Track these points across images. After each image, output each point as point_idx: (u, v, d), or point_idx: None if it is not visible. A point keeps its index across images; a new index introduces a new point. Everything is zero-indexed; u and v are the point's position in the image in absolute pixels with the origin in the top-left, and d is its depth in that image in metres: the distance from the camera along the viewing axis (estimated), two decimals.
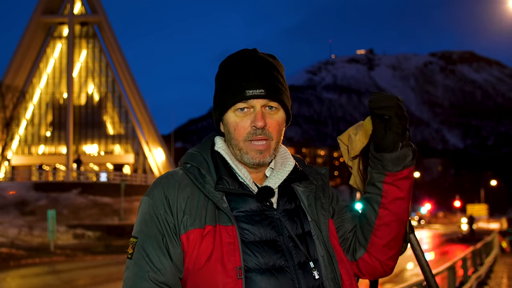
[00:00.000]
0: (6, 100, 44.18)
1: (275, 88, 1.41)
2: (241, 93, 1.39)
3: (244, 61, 1.43)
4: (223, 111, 1.44)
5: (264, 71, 1.41)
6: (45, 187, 37.16)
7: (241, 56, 1.44)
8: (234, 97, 1.40)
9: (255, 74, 1.40)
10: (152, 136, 54.96)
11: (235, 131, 1.42)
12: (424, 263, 1.67)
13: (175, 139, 66.31)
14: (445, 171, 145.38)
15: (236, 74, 1.41)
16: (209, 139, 1.53)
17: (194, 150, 1.49)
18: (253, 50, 1.46)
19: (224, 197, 1.38)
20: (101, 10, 53.97)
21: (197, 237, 1.33)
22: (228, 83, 1.42)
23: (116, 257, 21.18)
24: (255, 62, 1.42)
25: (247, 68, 1.41)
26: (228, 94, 1.42)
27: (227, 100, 1.41)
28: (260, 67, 1.42)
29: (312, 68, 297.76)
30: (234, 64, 1.44)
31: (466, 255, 11.82)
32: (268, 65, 1.43)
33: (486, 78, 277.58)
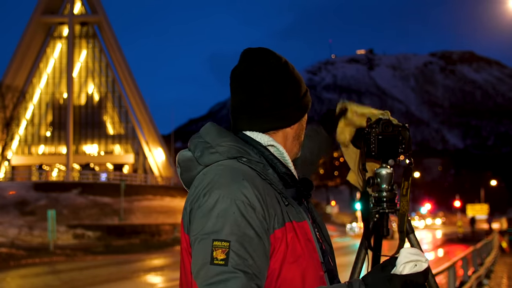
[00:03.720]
0: (6, 100, 44.18)
1: None
2: (305, 107, 1.48)
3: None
4: (292, 123, 1.44)
5: None
6: (45, 187, 37.16)
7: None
8: (305, 109, 1.47)
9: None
10: (152, 136, 54.96)
11: (303, 130, 1.49)
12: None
13: (175, 139, 66.26)
14: (445, 171, 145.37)
15: (301, 89, 1.46)
16: (227, 132, 1.40)
17: (234, 144, 1.34)
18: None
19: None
20: (101, 10, 53.97)
21: (282, 236, 1.26)
22: (304, 89, 1.47)
23: (116, 257, 21.18)
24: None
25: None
26: (306, 101, 1.47)
27: (307, 104, 1.47)
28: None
29: (312, 68, 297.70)
30: (297, 73, 1.49)
31: (466, 255, 11.83)
32: None
33: (486, 78, 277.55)
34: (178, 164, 1.41)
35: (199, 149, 1.35)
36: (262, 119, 1.39)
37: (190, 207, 1.29)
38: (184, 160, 1.39)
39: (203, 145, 1.35)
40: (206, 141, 1.36)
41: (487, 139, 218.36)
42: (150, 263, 19.78)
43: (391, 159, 1.67)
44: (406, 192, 1.63)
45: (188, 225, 1.30)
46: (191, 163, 1.37)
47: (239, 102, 1.40)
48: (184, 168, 1.39)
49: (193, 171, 1.36)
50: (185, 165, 1.39)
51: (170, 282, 13.77)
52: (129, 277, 15.18)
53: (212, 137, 1.36)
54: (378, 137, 1.64)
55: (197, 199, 1.27)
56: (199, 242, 1.21)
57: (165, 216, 36.51)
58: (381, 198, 1.67)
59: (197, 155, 1.35)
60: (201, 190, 1.27)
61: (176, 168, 1.43)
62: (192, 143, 1.39)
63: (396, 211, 1.66)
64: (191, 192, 1.32)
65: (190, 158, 1.37)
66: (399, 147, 1.66)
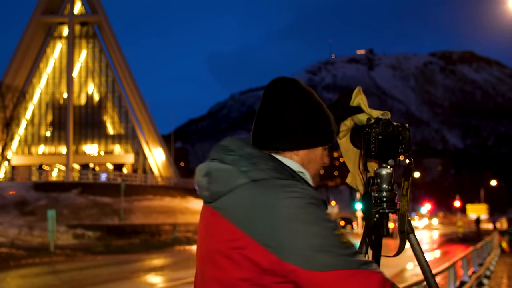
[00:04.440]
0: (6, 100, 44.19)
1: None
2: (333, 137, 1.55)
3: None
4: (322, 144, 1.52)
5: None
6: (45, 187, 37.16)
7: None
8: (335, 137, 1.55)
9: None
10: (152, 136, 54.97)
11: (320, 162, 1.53)
12: (424, 263, 1.67)
13: (175, 139, 66.30)
14: (445, 171, 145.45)
15: (330, 118, 1.54)
16: (266, 156, 1.46)
17: (277, 166, 1.42)
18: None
19: None
20: (101, 10, 53.98)
21: None
22: (332, 122, 1.54)
23: (116, 257, 21.18)
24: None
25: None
26: (332, 132, 1.53)
27: (331, 137, 1.53)
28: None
29: (312, 68, 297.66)
30: (325, 105, 1.55)
31: (466, 255, 11.83)
32: None
33: (486, 78, 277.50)
34: (206, 174, 1.44)
35: (244, 164, 1.40)
36: (284, 139, 1.47)
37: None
38: (219, 170, 1.42)
39: (250, 161, 1.40)
40: (248, 157, 1.42)
41: (487, 139, 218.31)
42: (150, 263, 19.78)
43: (391, 159, 1.67)
44: (406, 192, 1.63)
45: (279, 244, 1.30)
46: (231, 175, 1.40)
47: (264, 121, 1.49)
48: (217, 179, 1.41)
49: (231, 183, 1.39)
50: (220, 176, 1.41)
51: (170, 282, 13.78)
52: (129, 277, 15.18)
53: (252, 154, 1.43)
54: (378, 137, 1.64)
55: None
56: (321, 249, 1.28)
57: (165, 216, 36.51)
58: (381, 198, 1.67)
59: (243, 169, 1.39)
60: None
61: (201, 178, 1.45)
62: (226, 156, 1.43)
63: (396, 211, 1.66)
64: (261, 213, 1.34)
65: (229, 169, 1.40)
66: (399, 147, 1.65)
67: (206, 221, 1.47)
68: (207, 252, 1.42)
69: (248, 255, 1.31)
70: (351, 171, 1.86)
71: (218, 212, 1.40)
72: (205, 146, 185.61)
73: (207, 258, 1.42)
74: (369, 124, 1.68)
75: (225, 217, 1.38)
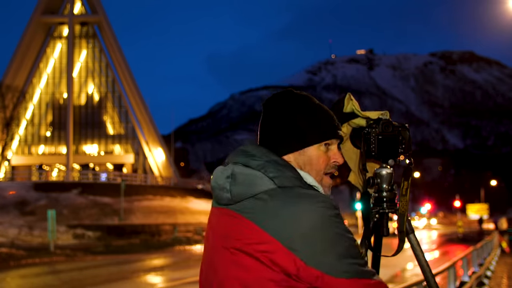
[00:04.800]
0: (6, 100, 44.18)
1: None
2: (335, 131, 1.55)
3: (323, 105, 1.60)
4: (311, 144, 1.54)
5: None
6: (45, 187, 37.15)
7: (315, 100, 1.61)
8: (329, 134, 1.54)
9: (338, 117, 1.63)
10: (152, 136, 54.98)
11: (317, 163, 1.53)
12: (424, 263, 1.67)
13: (175, 139, 66.30)
14: (445, 171, 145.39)
15: (328, 114, 1.57)
16: (289, 165, 1.51)
17: (298, 175, 1.48)
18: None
19: None
20: (101, 10, 53.99)
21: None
22: (322, 120, 1.55)
23: (116, 257, 21.18)
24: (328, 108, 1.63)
25: (331, 111, 1.60)
26: (322, 130, 1.54)
27: (322, 135, 1.54)
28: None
29: (312, 68, 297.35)
30: (319, 105, 1.58)
31: (466, 255, 11.83)
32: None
33: (486, 78, 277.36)
34: (230, 176, 1.48)
35: (272, 170, 1.44)
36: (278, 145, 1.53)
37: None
38: (245, 174, 1.46)
39: (277, 168, 1.45)
40: (274, 164, 1.47)
41: (487, 139, 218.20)
42: (150, 263, 19.78)
43: (391, 159, 1.67)
44: (406, 192, 1.63)
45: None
46: (257, 179, 1.44)
47: (272, 132, 1.56)
48: (241, 182, 1.45)
49: (257, 187, 1.43)
50: (245, 180, 1.45)
51: (170, 282, 13.78)
52: (129, 277, 15.18)
53: (277, 161, 1.48)
54: (378, 137, 1.64)
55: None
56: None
57: (165, 216, 36.51)
58: (381, 198, 1.67)
59: (270, 175, 1.43)
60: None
61: (223, 180, 1.49)
62: (251, 161, 1.48)
63: (396, 211, 1.66)
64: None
65: (255, 174, 1.45)
66: (399, 147, 1.65)
67: (223, 223, 1.48)
68: (226, 252, 1.44)
69: (275, 259, 1.35)
70: (352, 170, 1.86)
71: (241, 215, 1.43)
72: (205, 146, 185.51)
73: (226, 258, 1.43)
74: (369, 124, 1.68)
75: (250, 220, 1.41)
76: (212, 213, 1.57)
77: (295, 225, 1.35)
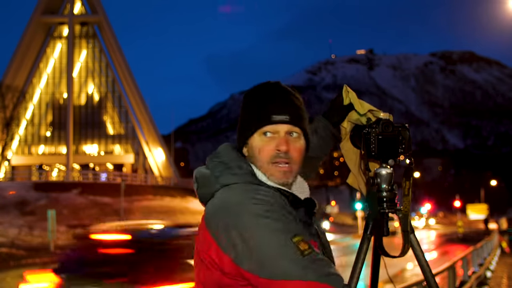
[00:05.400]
0: (6, 100, 44.15)
1: (299, 115, 1.53)
2: (268, 117, 1.49)
3: (269, 90, 1.55)
4: (249, 135, 1.51)
5: (288, 100, 1.53)
6: (45, 187, 37.12)
7: (266, 86, 1.56)
8: (261, 121, 1.49)
9: (280, 101, 1.52)
10: (152, 136, 54.97)
11: (260, 154, 1.49)
12: (424, 263, 1.67)
13: (175, 139, 66.25)
14: (445, 171, 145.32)
15: (262, 101, 1.52)
16: (244, 160, 1.52)
17: (250, 171, 1.47)
18: (276, 82, 1.58)
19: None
20: (101, 10, 53.98)
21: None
22: (255, 109, 1.52)
23: None
24: (279, 91, 1.55)
25: (272, 96, 1.53)
26: (255, 119, 1.51)
27: (254, 124, 1.50)
28: (284, 96, 1.54)
29: (312, 68, 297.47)
30: (259, 93, 1.55)
31: (466, 255, 11.83)
32: (291, 95, 1.56)
33: (486, 78, 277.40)
34: (195, 179, 1.52)
35: (218, 169, 1.47)
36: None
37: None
38: (201, 176, 1.50)
39: (222, 167, 1.47)
40: (226, 162, 1.48)
41: (487, 139, 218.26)
42: None
43: (391, 159, 1.66)
44: (408, 192, 1.63)
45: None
46: (208, 180, 1.48)
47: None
48: (202, 184, 1.50)
49: (210, 188, 1.47)
50: (202, 182, 1.50)
51: None
52: None
53: (233, 158, 1.50)
54: (378, 137, 1.64)
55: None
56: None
57: (165, 216, 36.48)
58: (381, 198, 1.66)
59: (216, 175, 1.46)
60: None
61: (194, 183, 1.52)
62: (210, 161, 1.52)
63: (396, 211, 1.65)
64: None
65: (208, 175, 1.48)
66: (399, 147, 1.65)
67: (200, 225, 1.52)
68: (195, 255, 1.47)
69: (214, 258, 1.36)
70: (352, 171, 1.86)
71: (203, 216, 1.46)
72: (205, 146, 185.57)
73: (195, 261, 1.47)
74: (369, 124, 1.68)
75: (204, 221, 1.43)
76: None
77: (226, 223, 1.34)
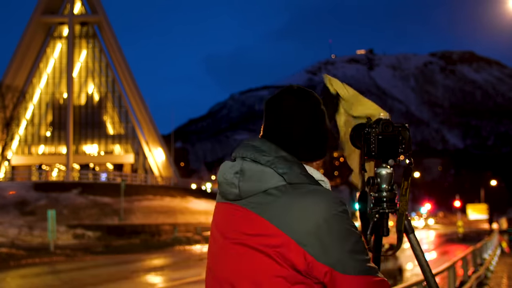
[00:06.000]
0: (6, 100, 44.15)
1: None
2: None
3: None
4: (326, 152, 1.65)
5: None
6: (45, 187, 37.12)
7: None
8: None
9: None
10: (152, 136, 54.97)
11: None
12: (424, 263, 1.67)
13: (175, 139, 66.28)
14: (445, 171, 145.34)
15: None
16: (298, 162, 1.52)
17: (309, 174, 1.50)
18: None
19: None
20: (101, 10, 53.97)
21: None
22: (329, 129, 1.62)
23: (116, 257, 21.18)
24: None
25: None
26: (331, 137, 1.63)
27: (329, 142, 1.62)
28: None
29: (312, 68, 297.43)
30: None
31: (466, 255, 11.82)
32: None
33: (486, 78, 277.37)
34: (239, 172, 1.47)
35: (281, 166, 1.44)
36: (303, 149, 1.53)
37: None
38: (254, 170, 1.46)
39: (286, 164, 1.45)
40: (283, 161, 1.46)
41: (487, 139, 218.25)
42: (150, 263, 19.79)
43: (391, 159, 1.66)
44: (406, 192, 1.63)
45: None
46: (266, 175, 1.44)
47: (282, 130, 1.53)
48: (250, 177, 1.45)
49: (266, 183, 1.43)
50: (255, 175, 1.45)
51: (170, 282, 13.78)
52: (129, 277, 15.17)
53: (286, 158, 1.47)
54: (378, 137, 1.64)
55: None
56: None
57: (165, 216, 36.50)
58: (381, 198, 1.66)
59: (280, 171, 1.43)
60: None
61: (232, 175, 1.48)
62: (260, 156, 1.47)
63: (396, 211, 1.66)
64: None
65: (265, 170, 1.44)
66: (399, 147, 1.65)
67: (229, 218, 1.48)
68: (235, 248, 1.43)
69: (285, 254, 1.35)
70: (354, 170, 1.86)
71: (251, 210, 1.43)
72: (205, 146, 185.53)
73: (235, 254, 1.43)
74: (369, 124, 1.67)
75: (259, 215, 1.41)
76: (217, 210, 1.56)
77: (306, 221, 1.36)
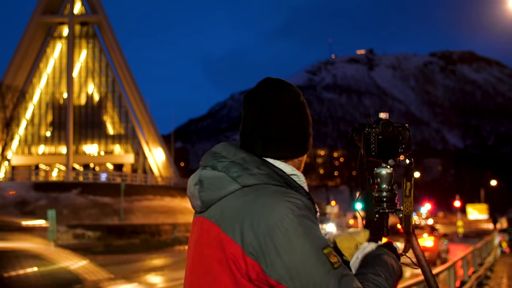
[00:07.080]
0: (6, 100, 44.17)
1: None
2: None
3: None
4: (309, 149, 1.54)
5: None
6: (45, 187, 37.14)
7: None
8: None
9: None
10: (152, 136, 54.96)
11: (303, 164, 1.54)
12: (424, 263, 1.66)
13: (175, 139, 66.27)
14: (445, 171, 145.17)
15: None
16: (258, 160, 1.41)
17: (271, 171, 1.39)
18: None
19: None
20: (101, 10, 53.97)
21: None
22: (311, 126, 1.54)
23: (116, 257, 21.18)
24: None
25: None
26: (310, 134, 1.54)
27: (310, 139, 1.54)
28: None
29: (312, 68, 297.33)
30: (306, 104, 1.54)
31: (466, 255, 11.82)
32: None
33: (486, 78, 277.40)
34: (198, 183, 1.40)
35: (234, 170, 1.35)
36: (281, 147, 1.43)
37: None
38: (210, 178, 1.38)
39: (238, 166, 1.36)
40: (239, 163, 1.37)
41: (487, 139, 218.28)
42: (150, 263, 19.79)
43: (391, 159, 1.66)
44: (409, 193, 1.62)
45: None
46: (221, 182, 1.36)
47: (258, 127, 1.43)
48: (209, 187, 1.38)
49: (223, 190, 1.35)
50: (211, 184, 1.37)
51: (170, 282, 13.78)
52: (129, 277, 15.17)
53: (244, 159, 1.38)
54: (378, 137, 1.64)
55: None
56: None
57: (165, 216, 36.50)
58: (381, 198, 1.66)
59: (234, 175, 1.34)
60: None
61: (193, 187, 1.42)
62: (217, 163, 1.38)
63: (396, 211, 1.65)
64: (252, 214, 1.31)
65: (220, 176, 1.36)
66: (399, 147, 1.65)
67: (198, 231, 1.42)
68: (203, 261, 1.38)
69: (238, 263, 1.28)
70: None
71: (210, 220, 1.36)
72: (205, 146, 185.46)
73: (203, 266, 1.37)
74: (369, 124, 1.67)
75: (216, 225, 1.34)
76: (192, 224, 1.50)
77: (253, 227, 1.27)
